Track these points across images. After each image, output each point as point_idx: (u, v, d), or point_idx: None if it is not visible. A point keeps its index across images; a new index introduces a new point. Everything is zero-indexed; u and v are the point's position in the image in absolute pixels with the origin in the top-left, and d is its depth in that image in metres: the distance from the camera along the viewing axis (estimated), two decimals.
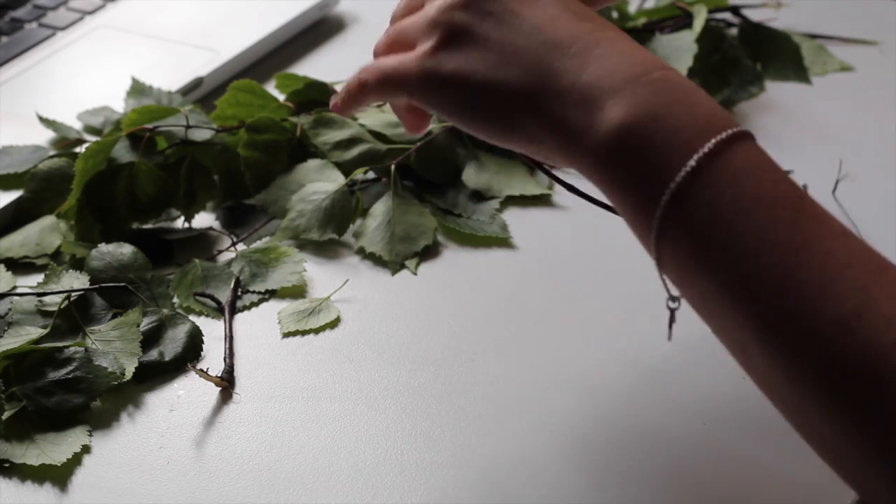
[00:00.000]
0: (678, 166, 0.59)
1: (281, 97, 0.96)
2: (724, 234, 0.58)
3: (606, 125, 0.61)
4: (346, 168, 0.91)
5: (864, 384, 0.56)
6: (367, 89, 0.70)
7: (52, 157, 0.91)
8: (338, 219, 0.88)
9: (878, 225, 0.88)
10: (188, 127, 0.90)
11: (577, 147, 0.62)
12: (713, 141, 0.59)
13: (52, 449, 0.72)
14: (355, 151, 0.92)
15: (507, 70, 0.64)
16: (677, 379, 0.77)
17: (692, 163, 0.59)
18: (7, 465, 0.71)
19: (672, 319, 0.64)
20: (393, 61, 0.69)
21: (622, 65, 0.62)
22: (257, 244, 0.88)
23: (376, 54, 0.71)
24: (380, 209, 0.88)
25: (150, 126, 0.90)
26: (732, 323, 0.59)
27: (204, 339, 0.80)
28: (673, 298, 0.63)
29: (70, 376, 0.74)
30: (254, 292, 0.84)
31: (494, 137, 0.66)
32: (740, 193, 0.59)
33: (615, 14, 1.04)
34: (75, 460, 0.72)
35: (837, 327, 0.56)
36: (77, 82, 1.04)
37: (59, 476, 0.71)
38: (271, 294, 0.84)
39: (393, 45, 0.70)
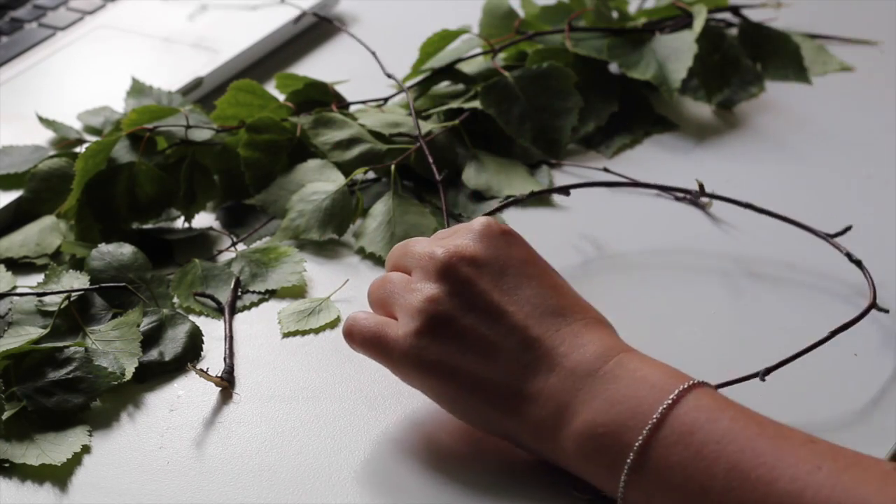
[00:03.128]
0: (644, 422, 0.64)
1: (281, 97, 0.96)
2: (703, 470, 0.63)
3: (575, 427, 0.66)
4: (346, 168, 0.91)
5: None
6: (352, 345, 0.73)
7: (52, 157, 0.91)
8: (338, 219, 0.88)
9: (878, 225, 0.88)
10: (188, 127, 0.90)
11: (550, 444, 0.68)
12: (666, 401, 0.64)
13: (52, 449, 0.72)
14: (355, 151, 0.92)
15: (486, 369, 0.69)
16: None
17: (656, 415, 0.64)
18: (7, 465, 0.71)
19: None
20: (377, 329, 0.71)
21: (582, 361, 0.67)
22: (257, 244, 0.88)
23: (369, 297, 0.74)
24: (380, 209, 0.88)
25: (150, 126, 0.90)
26: None
27: (204, 339, 0.80)
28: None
29: (70, 376, 0.74)
30: (254, 292, 0.84)
31: (473, 426, 0.71)
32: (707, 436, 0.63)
33: (615, 14, 1.04)
34: (75, 460, 0.72)
35: None
36: (77, 82, 1.04)
37: (59, 476, 0.71)
38: (271, 294, 0.84)
39: (378, 303, 0.73)
